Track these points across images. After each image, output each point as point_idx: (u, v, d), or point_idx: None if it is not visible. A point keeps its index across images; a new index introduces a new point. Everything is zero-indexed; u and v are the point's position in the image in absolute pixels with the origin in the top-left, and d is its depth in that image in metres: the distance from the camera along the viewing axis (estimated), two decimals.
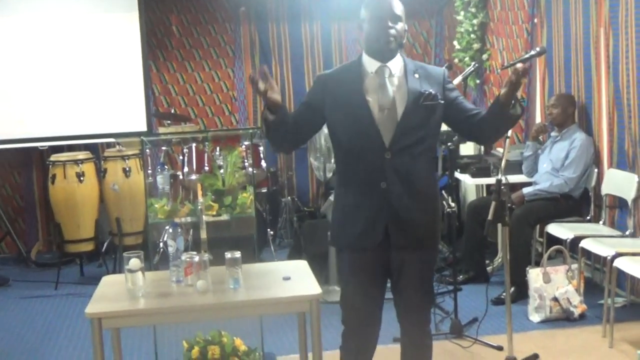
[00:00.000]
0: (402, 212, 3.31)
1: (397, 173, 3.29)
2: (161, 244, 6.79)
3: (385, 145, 3.28)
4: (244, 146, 5.94)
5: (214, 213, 4.41)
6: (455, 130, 3.61)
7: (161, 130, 7.42)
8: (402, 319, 3.52)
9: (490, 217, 4.16)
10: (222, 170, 4.66)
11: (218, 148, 5.17)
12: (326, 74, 3.51)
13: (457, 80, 5.43)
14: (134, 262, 3.48)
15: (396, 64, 3.37)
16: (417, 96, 3.30)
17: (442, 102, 3.35)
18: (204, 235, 4.16)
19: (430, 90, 3.31)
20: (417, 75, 3.36)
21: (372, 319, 3.47)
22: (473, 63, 6.18)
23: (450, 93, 3.42)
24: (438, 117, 3.37)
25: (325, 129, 3.50)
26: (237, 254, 3.55)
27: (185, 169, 6.44)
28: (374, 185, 3.31)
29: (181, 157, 6.69)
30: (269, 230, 7.39)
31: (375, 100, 3.31)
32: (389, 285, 3.50)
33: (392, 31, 3.29)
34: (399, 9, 3.33)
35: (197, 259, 3.60)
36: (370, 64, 3.36)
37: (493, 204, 4.15)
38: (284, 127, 3.34)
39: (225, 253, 3.56)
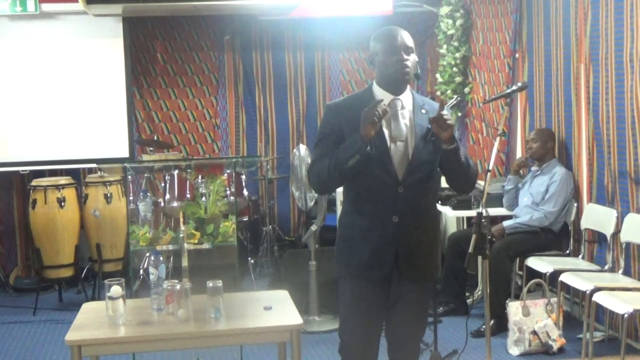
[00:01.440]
0: (411, 245, 3.33)
1: (409, 207, 3.30)
2: (141, 271, 6.76)
3: (398, 179, 3.29)
4: (226, 174, 5.96)
5: (196, 241, 4.42)
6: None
7: (144, 157, 7.42)
8: (392, 350, 3.49)
9: (470, 249, 4.16)
10: (204, 199, 4.68)
11: (200, 176, 5.19)
12: (336, 103, 3.49)
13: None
14: (115, 290, 3.47)
15: (407, 98, 3.38)
16: (425, 132, 3.31)
17: None
18: (185, 263, 4.16)
19: None
20: (424, 111, 3.37)
21: (370, 351, 3.43)
22: (455, 96, 6.24)
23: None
24: (438, 154, 3.37)
25: (307, 158, 3.50)
26: (219, 283, 3.55)
27: (167, 197, 6.44)
28: (385, 217, 3.31)
29: (163, 185, 6.69)
30: (249, 259, 7.39)
31: (387, 132, 3.30)
32: None
33: (408, 62, 3.29)
34: (410, 41, 3.34)
35: (178, 287, 3.60)
36: (382, 96, 3.33)
37: (474, 236, 4.15)
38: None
39: (207, 282, 3.55)
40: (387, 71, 3.32)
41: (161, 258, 3.74)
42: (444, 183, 3.65)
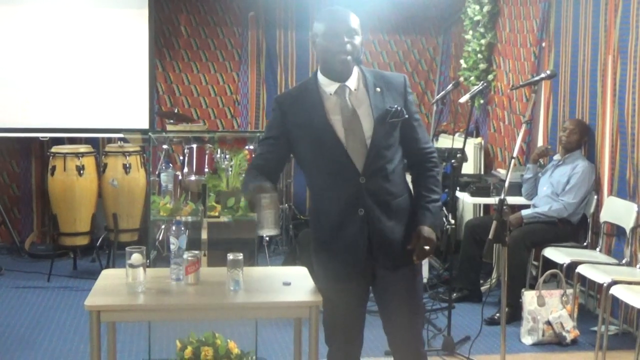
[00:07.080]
0: (383, 235, 3.19)
1: (374, 197, 3.15)
2: (157, 243, 6.77)
3: (358, 171, 3.13)
4: (247, 150, 5.95)
5: (216, 214, 4.42)
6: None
7: (168, 127, 7.42)
8: (393, 343, 3.37)
9: (490, 235, 4.14)
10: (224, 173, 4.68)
11: (219, 150, 5.18)
12: (283, 96, 3.35)
13: (465, 99, 5.45)
14: (136, 257, 3.45)
15: (355, 80, 3.19)
16: (383, 114, 3.13)
17: (407, 116, 3.18)
18: (204, 235, 4.15)
19: (397, 106, 3.15)
20: (378, 89, 3.18)
21: (353, 343, 3.39)
22: (481, 82, 6.20)
23: (410, 106, 3.23)
24: (398, 130, 3.21)
25: None
26: (240, 256, 3.53)
27: (185, 170, 6.43)
28: (351, 213, 3.17)
29: (182, 158, 6.69)
30: (264, 236, 7.38)
31: (339, 123, 3.13)
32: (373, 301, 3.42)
33: (349, 47, 3.09)
34: (355, 22, 3.13)
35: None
36: (328, 85, 3.18)
37: (494, 223, 4.13)
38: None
39: (228, 254, 3.54)
40: (325, 56, 3.15)
41: (182, 228, 3.73)
42: (467, 169, 3.61)
